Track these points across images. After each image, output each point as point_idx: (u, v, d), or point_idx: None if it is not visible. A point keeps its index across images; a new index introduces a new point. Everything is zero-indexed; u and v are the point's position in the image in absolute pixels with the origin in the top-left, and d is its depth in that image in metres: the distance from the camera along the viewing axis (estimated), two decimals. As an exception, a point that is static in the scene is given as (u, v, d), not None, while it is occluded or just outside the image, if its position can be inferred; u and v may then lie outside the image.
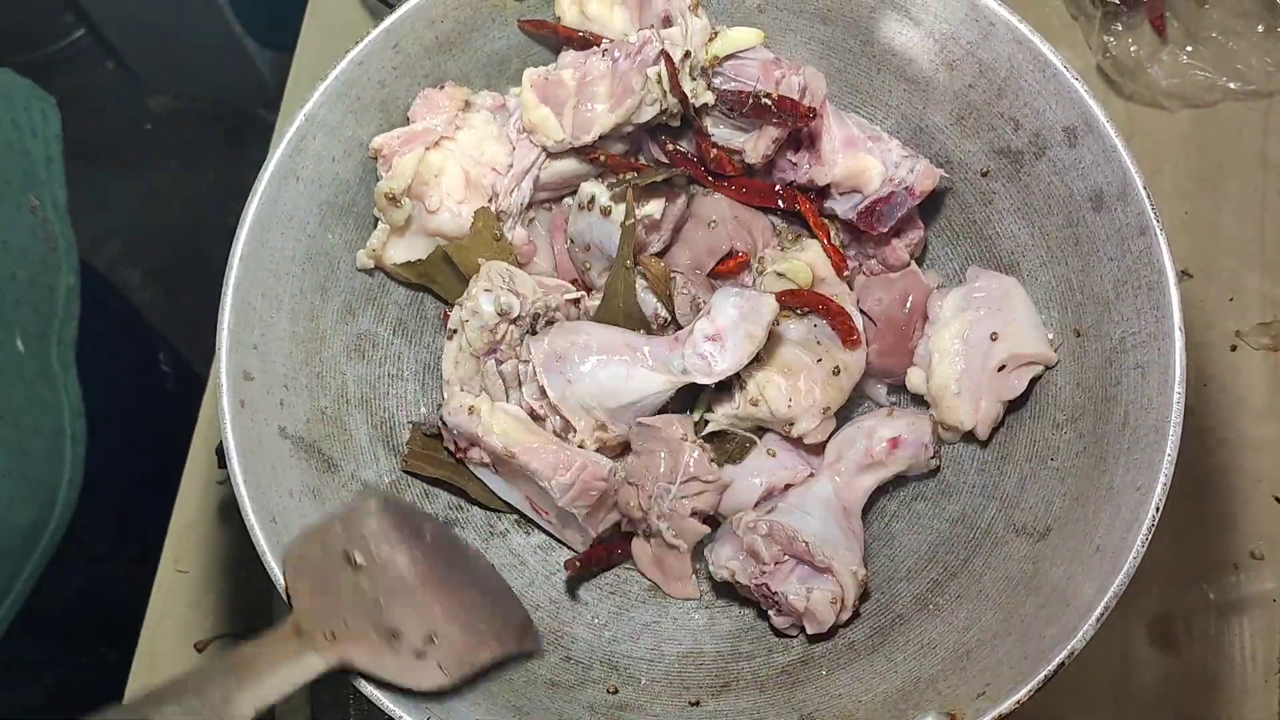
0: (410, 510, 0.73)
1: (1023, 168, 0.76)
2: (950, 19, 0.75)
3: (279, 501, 0.69)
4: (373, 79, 0.76)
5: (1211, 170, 1.04)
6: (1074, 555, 0.68)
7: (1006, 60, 0.74)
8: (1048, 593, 0.68)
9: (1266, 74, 1.03)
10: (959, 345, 0.76)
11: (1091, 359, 0.73)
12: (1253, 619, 0.92)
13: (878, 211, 0.78)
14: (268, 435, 0.71)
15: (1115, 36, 1.04)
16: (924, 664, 0.70)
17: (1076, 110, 0.71)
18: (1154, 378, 0.67)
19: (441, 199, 0.78)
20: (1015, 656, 0.65)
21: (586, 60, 0.76)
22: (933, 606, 0.74)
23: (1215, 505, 0.96)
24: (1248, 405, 0.98)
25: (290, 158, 0.73)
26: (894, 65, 0.79)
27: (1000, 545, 0.74)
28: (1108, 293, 0.72)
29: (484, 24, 0.78)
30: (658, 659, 0.76)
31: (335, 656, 0.62)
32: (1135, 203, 0.69)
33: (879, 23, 0.78)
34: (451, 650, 0.64)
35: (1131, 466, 0.67)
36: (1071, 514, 0.70)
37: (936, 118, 0.79)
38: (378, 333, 0.81)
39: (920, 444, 0.76)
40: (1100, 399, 0.71)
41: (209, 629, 0.97)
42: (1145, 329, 0.69)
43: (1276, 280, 1.01)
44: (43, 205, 0.90)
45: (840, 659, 0.74)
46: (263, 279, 0.73)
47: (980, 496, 0.77)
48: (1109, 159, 0.70)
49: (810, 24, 0.80)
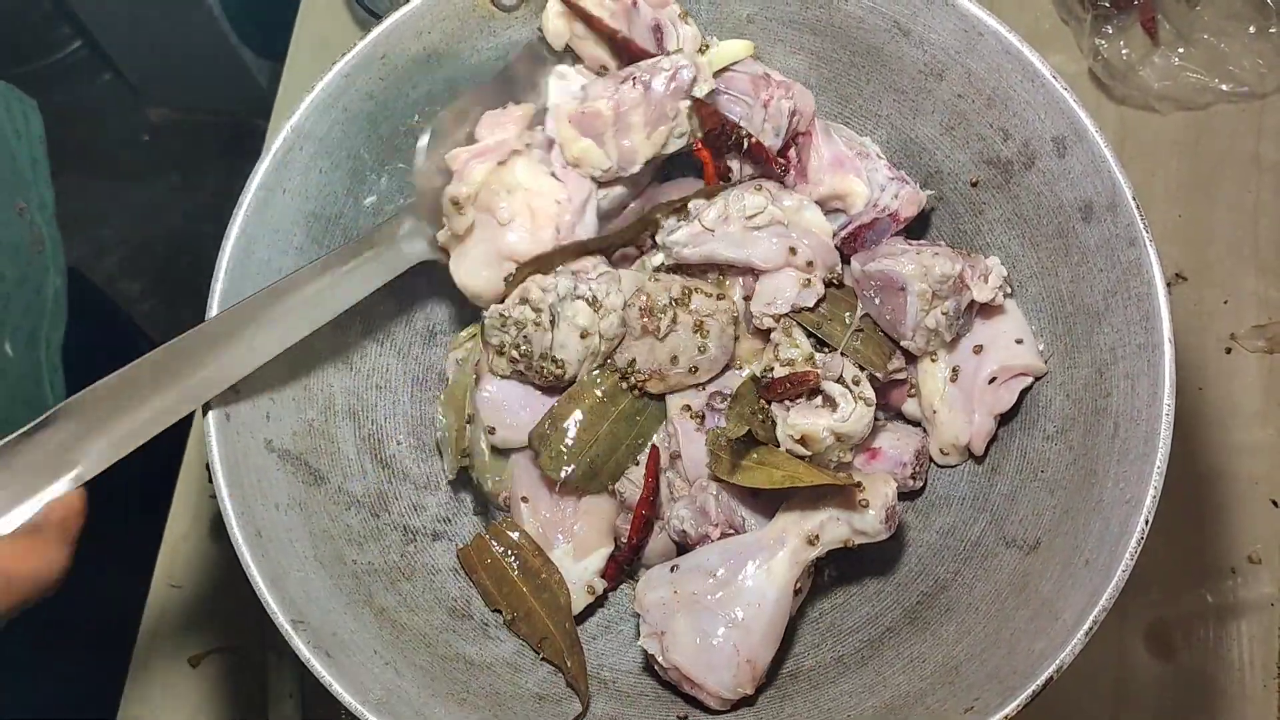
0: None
1: (1012, 178, 0.76)
2: (939, 28, 0.75)
3: (265, 515, 0.69)
4: (360, 90, 0.76)
5: (1205, 173, 1.04)
6: (1063, 568, 0.67)
7: (995, 70, 0.74)
8: (1037, 606, 0.67)
9: (1259, 75, 1.03)
10: (946, 359, 0.76)
11: (1082, 370, 0.73)
12: (1250, 624, 0.92)
13: (861, 237, 0.78)
14: (254, 448, 0.71)
15: (1106, 39, 1.04)
16: (912, 678, 0.70)
17: (1065, 120, 0.71)
18: (1144, 389, 0.67)
19: (514, 212, 0.76)
20: (1004, 670, 0.65)
21: (618, 89, 0.75)
22: (922, 620, 0.73)
23: (1212, 510, 0.95)
24: (1243, 408, 0.98)
25: (276, 170, 0.73)
26: (883, 75, 0.79)
27: (990, 558, 0.73)
28: (1098, 303, 0.71)
29: (472, 35, 0.78)
30: (646, 672, 0.76)
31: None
32: (1125, 213, 0.69)
33: (868, 33, 0.77)
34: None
35: (1121, 479, 0.66)
36: (1061, 526, 0.70)
37: (926, 128, 0.79)
38: (365, 345, 0.80)
39: (899, 461, 0.76)
40: (1090, 410, 0.71)
41: (202, 644, 0.97)
42: (1135, 340, 0.68)
43: (1271, 282, 1.00)
44: (29, 207, 0.90)
45: (830, 673, 0.74)
46: (249, 290, 0.72)
47: (970, 509, 0.77)
48: (1098, 169, 0.70)
49: (800, 34, 0.80)
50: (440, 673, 0.71)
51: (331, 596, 0.70)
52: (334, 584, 0.71)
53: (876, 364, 0.75)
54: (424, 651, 0.72)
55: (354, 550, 0.74)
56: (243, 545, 0.66)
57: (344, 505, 0.75)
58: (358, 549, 0.74)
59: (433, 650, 0.72)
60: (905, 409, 0.80)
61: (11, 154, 0.90)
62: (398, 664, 0.69)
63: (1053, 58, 0.99)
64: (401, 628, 0.72)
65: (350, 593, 0.71)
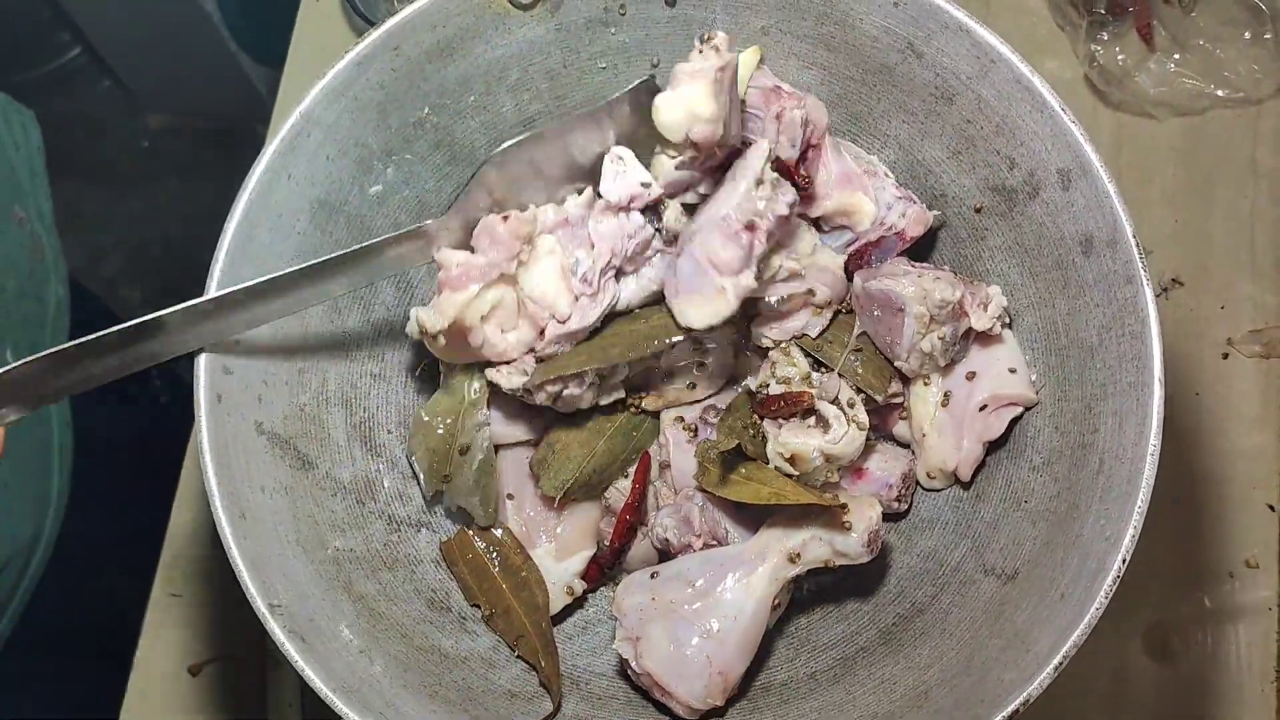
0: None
1: (1016, 206, 0.76)
2: (952, 53, 0.75)
3: (250, 497, 0.70)
4: (372, 80, 0.76)
5: (1201, 178, 1.04)
6: (1039, 600, 0.67)
7: (1005, 98, 0.73)
8: (1010, 636, 0.67)
9: (1255, 81, 1.03)
10: (939, 383, 0.76)
11: (1072, 404, 0.73)
12: (1248, 627, 0.92)
13: (867, 255, 0.78)
14: (244, 430, 0.71)
15: (1102, 46, 1.04)
16: (882, 699, 0.70)
17: (1071, 153, 0.71)
18: (1131, 428, 0.67)
19: (485, 338, 0.73)
20: (972, 699, 0.65)
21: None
22: (896, 641, 0.74)
23: (1209, 514, 0.96)
24: (1240, 413, 0.98)
25: (283, 155, 0.74)
26: (894, 95, 0.79)
27: (968, 585, 0.73)
28: (1092, 338, 0.71)
29: (486, 30, 0.78)
30: (617, 676, 0.76)
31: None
32: (1124, 250, 0.69)
33: (881, 52, 0.77)
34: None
35: (1102, 515, 0.66)
36: (1041, 558, 0.70)
37: (933, 150, 0.79)
38: (362, 333, 0.81)
39: (885, 483, 0.76)
40: (1077, 445, 0.71)
41: (203, 652, 0.97)
42: (1126, 378, 0.68)
43: (1267, 287, 1.00)
44: (29, 217, 0.90)
45: (801, 689, 0.74)
46: (248, 274, 0.73)
47: (953, 534, 0.77)
48: (1101, 204, 0.70)
49: (814, 49, 0.80)
50: (414, 664, 0.71)
51: (311, 581, 0.70)
52: (315, 569, 0.71)
53: (876, 386, 0.75)
54: (399, 641, 0.72)
55: (337, 537, 0.74)
56: (226, 526, 0.67)
57: (330, 491, 0.76)
58: (341, 535, 0.75)
59: (408, 641, 0.73)
60: (896, 430, 0.80)
61: (10, 165, 0.90)
62: (372, 652, 0.70)
63: (1048, 64, 0.99)
64: (379, 616, 0.73)
65: (330, 579, 0.72)
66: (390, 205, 0.81)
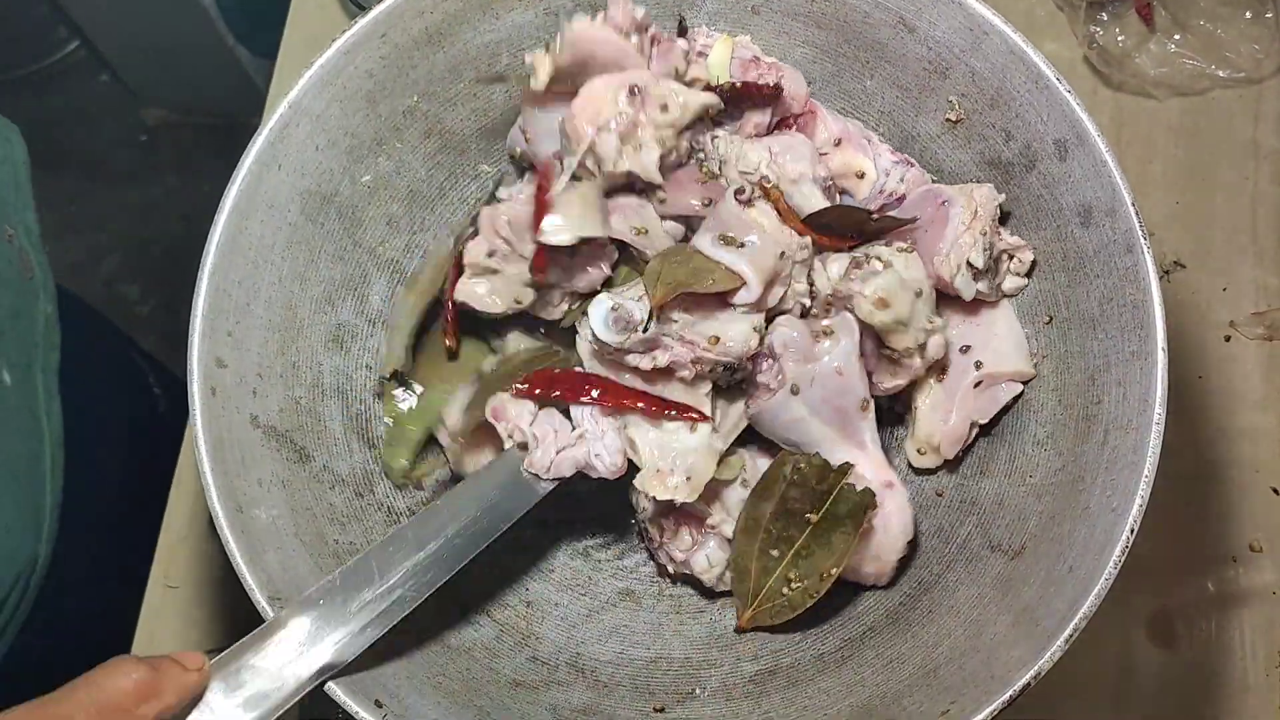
0: None
1: (1013, 179, 0.75)
2: (944, 26, 0.74)
3: (246, 490, 0.69)
4: (360, 68, 0.76)
5: (1202, 159, 1.03)
6: (1046, 575, 0.67)
7: (999, 70, 0.73)
8: (1018, 612, 0.67)
9: (1255, 61, 1.02)
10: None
11: (1074, 376, 0.72)
12: (1252, 612, 0.91)
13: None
14: (238, 423, 0.71)
15: (1102, 26, 1.03)
16: (891, 679, 0.69)
17: (1067, 123, 0.70)
18: (1135, 397, 0.66)
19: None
20: (982, 676, 0.65)
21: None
22: (904, 620, 0.73)
23: (1212, 498, 0.95)
24: (1243, 396, 0.97)
25: (272, 145, 0.73)
26: (887, 71, 0.78)
27: (975, 561, 0.73)
28: (1093, 309, 0.71)
29: (473, 16, 0.78)
30: (624, 663, 0.75)
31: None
32: (1124, 219, 0.68)
33: (873, 27, 0.77)
34: None
35: (1108, 487, 0.66)
36: (1047, 533, 0.69)
37: (928, 125, 0.78)
38: (357, 324, 0.80)
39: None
40: (1081, 417, 0.70)
41: (199, 645, 0.96)
42: (1129, 347, 0.68)
43: (1270, 269, 1.00)
44: (16, 234, 0.88)
45: (808, 670, 0.73)
46: (240, 266, 0.72)
47: (958, 511, 0.76)
48: (1099, 173, 0.69)
49: (805, 27, 0.80)
50: (416, 655, 0.71)
51: (311, 575, 0.69)
52: (314, 563, 0.70)
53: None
54: (400, 633, 0.71)
55: (336, 529, 0.74)
56: (223, 520, 0.66)
57: (328, 484, 0.75)
58: (340, 528, 0.74)
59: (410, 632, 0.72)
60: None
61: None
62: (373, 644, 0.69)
63: (1048, 45, 0.98)
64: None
65: (330, 571, 0.71)
66: (382, 195, 0.80)
